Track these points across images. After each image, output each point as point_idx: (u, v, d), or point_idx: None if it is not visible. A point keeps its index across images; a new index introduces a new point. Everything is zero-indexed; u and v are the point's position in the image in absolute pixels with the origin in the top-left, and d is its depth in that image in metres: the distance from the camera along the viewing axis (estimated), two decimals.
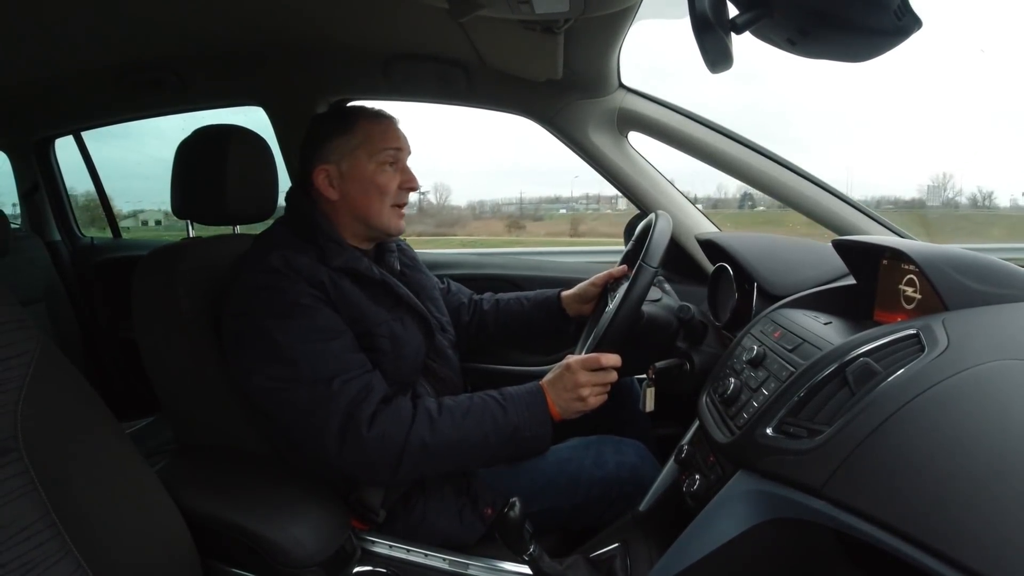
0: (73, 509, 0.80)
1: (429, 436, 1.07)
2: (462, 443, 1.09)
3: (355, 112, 1.26)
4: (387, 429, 1.05)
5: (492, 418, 1.10)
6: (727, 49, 0.76)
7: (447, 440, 1.08)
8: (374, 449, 1.04)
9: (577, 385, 1.13)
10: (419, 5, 1.21)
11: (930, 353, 0.71)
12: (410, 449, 1.05)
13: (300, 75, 1.87)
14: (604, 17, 1.18)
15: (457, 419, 1.09)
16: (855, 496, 0.63)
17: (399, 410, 1.08)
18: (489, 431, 1.09)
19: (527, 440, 1.11)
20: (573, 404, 1.13)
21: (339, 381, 1.06)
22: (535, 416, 1.12)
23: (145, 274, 1.21)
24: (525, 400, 1.13)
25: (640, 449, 1.36)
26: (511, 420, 1.10)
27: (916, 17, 0.66)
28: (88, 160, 2.75)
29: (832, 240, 1.14)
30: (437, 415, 1.09)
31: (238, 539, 1.01)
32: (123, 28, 1.56)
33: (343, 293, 1.15)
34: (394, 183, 1.24)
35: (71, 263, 2.77)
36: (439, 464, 1.11)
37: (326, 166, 1.22)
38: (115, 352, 2.74)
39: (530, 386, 1.16)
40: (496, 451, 1.11)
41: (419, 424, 1.07)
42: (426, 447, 1.06)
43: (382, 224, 1.25)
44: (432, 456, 1.07)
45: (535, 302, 1.59)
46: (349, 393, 1.06)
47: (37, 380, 0.81)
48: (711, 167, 1.72)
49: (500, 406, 1.12)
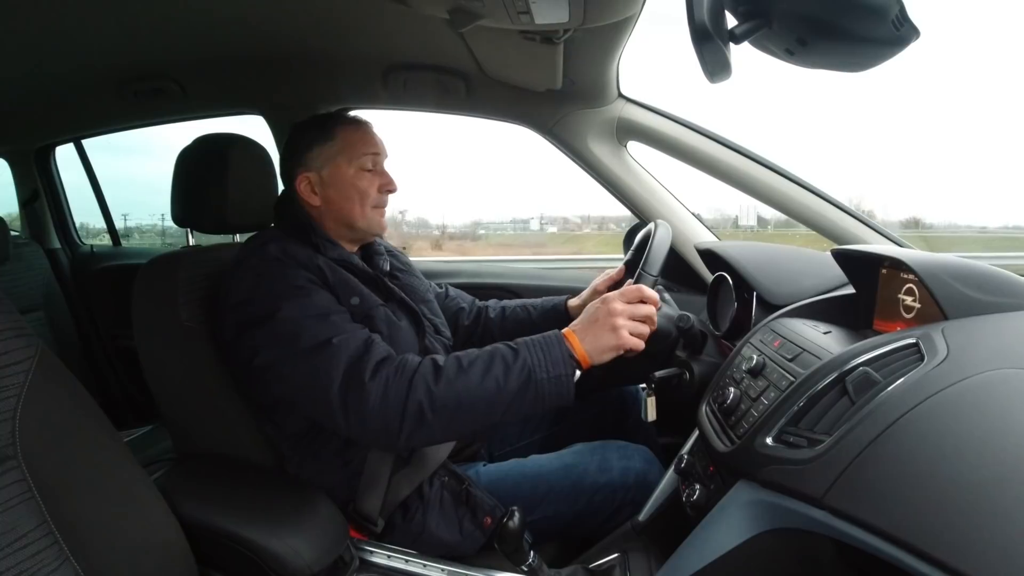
0: (70, 517, 0.79)
1: (434, 383, 1.00)
2: (470, 390, 1.01)
3: (333, 119, 1.29)
4: (389, 378, 1.01)
5: (502, 361, 1.02)
6: (726, 59, 0.76)
7: (453, 387, 1.01)
8: (376, 400, 0.99)
9: (611, 314, 1.05)
10: (419, 15, 1.21)
11: (930, 362, 0.71)
12: (414, 398, 0.99)
13: (300, 84, 1.88)
14: (604, 27, 1.18)
15: (464, 365, 1.03)
16: (855, 506, 0.63)
17: (403, 363, 1.04)
18: (499, 374, 1.01)
19: (544, 384, 1.01)
20: (604, 337, 1.04)
21: (338, 339, 1.04)
22: (551, 356, 1.02)
23: (145, 282, 1.21)
24: (539, 342, 1.05)
25: (647, 454, 1.36)
26: (523, 361, 1.02)
27: (914, 27, 0.67)
28: (88, 168, 2.76)
29: (831, 249, 1.14)
30: (443, 364, 1.03)
31: (236, 548, 1.00)
32: (124, 36, 1.57)
33: (340, 277, 1.18)
34: (373, 187, 1.27)
35: (71, 271, 2.77)
36: (449, 416, 1.01)
37: (308, 174, 1.25)
38: (114, 360, 2.73)
39: (547, 332, 1.07)
40: (512, 399, 1.01)
41: (422, 372, 1.02)
42: (432, 395, 0.99)
43: (364, 225, 1.28)
44: (439, 407, 1.00)
45: (542, 310, 1.59)
46: (349, 349, 1.03)
47: (36, 388, 0.80)
48: (711, 177, 1.72)
49: (511, 349, 1.04)
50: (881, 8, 0.65)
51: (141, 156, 2.73)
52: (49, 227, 2.80)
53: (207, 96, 2.02)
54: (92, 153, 2.78)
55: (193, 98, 1.96)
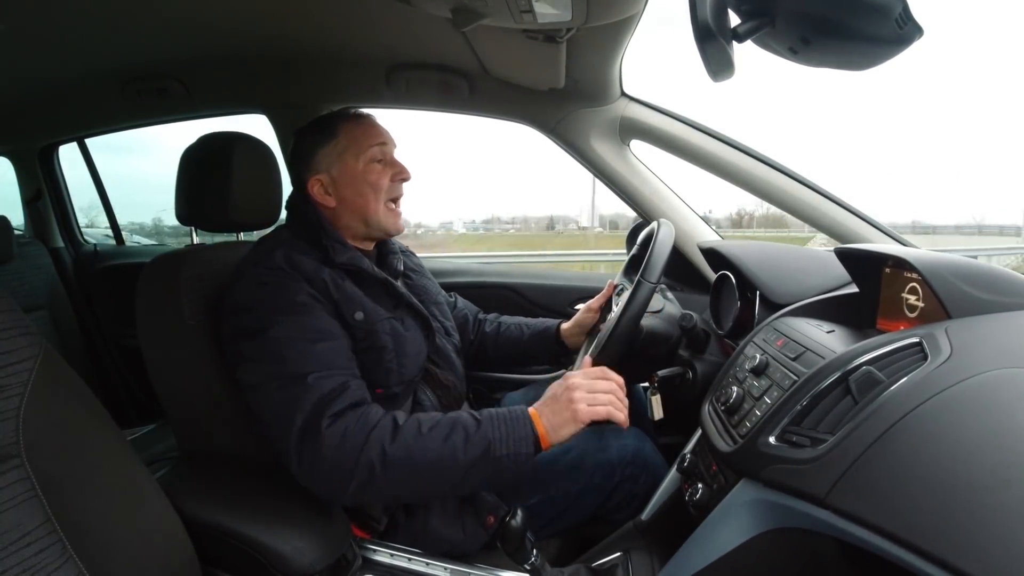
0: (74, 516, 0.80)
1: (390, 443, 0.97)
2: (425, 454, 0.98)
3: (335, 118, 1.28)
4: (348, 428, 0.98)
5: (463, 430, 0.99)
6: (729, 58, 0.76)
7: (408, 449, 0.98)
8: (330, 449, 0.97)
9: (569, 389, 1.02)
10: (422, 14, 1.21)
11: (933, 361, 0.71)
12: (368, 454, 0.96)
13: (303, 83, 1.88)
14: (606, 26, 1.18)
15: (423, 429, 1.00)
16: (858, 505, 0.63)
17: (366, 415, 1.01)
18: (458, 446, 0.98)
19: (503, 460, 0.98)
20: (561, 413, 1.01)
21: (314, 377, 1.02)
22: (513, 432, 0.99)
23: (149, 281, 1.21)
24: (503, 416, 1.02)
25: (640, 434, 1.38)
26: (484, 434, 0.99)
27: (918, 25, 0.67)
28: (92, 167, 2.77)
29: (834, 248, 1.14)
30: (402, 423, 1.01)
31: (239, 547, 1.00)
32: (128, 36, 1.57)
33: (345, 292, 1.16)
34: (385, 178, 1.26)
35: (74, 270, 2.78)
36: (400, 477, 0.98)
37: (318, 176, 1.25)
38: (117, 359, 2.74)
39: (515, 407, 1.05)
40: (467, 471, 0.98)
41: (382, 430, 0.99)
42: (385, 455, 0.96)
43: (379, 222, 1.27)
44: (390, 467, 0.97)
45: (534, 331, 1.62)
46: (321, 390, 1.01)
47: (39, 386, 0.81)
48: (714, 176, 1.72)
49: (474, 420, 1.01)
50: (884, 7, 0.65)
51: (135, 156, 2.74)
52: (53, 226, 2.80)
53: (211, 95, 2.02)
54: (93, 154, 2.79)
55: (197, 97, 1.97)
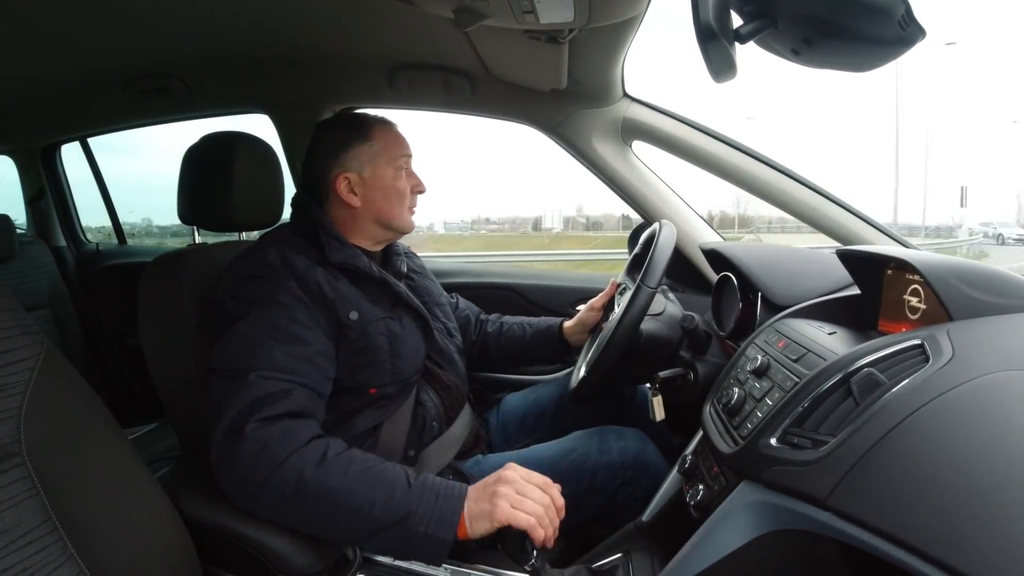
0: (75, 514, 0.80)
1: (311, 470, 0.92)
2: (340, 497, 0.91)
3: (369, 120, 1.29)
4: (272, 439, 0.93)
5: (389, 489, 0.92)
6: (731, 59, 0.76)
7: (326, 485, 0.91)
8: (248, 455, 0.93)
9: (499, 480, 0.94)
10: (424, 15, 1.21)
11: (935, 363, 0.71)
12: (283, 473, 0.91)
13: (305, 83, 1.89)
14: (609, 27, 1.18)
15: (352, 470, 0.93)
16: (859, 507, 0.63)
17: (297, 430, 0.96)
18: (379, 500, 0.91)
19: (418, 537, 0.90)
20: (481, 504, 0.92)
21: (256, 375, 0.99)
22: (443, 513, 0.91)
23: (150, 280, 1.21)
24: (439, 490, 0.93)
25: (641, 435, 1.37)
26: (410, 502, 0.91)
27: (920, 27, 0.67)
28: (94, 166, 2.77)
29: (836, 250, 1.14)
30: (332, 455, 0.94)
31: (239, 546, 1.00)
32: (130, 35, 1.57)
33: (339, 291, 1.16)
34: (408, 188, 1.29)
35: (76, 269, 2.78)
36: (306, 511, 0.93)
37: (347, 174, 1.25)
38: (119, 358, 2.75)
39: (457, 483, 0.96)
40: (375, 529, 0.91)
41: (307, 453, 0.94)
42: (301, 481, 0.91)
43: (400, 225, 1.31)
44: (303, 495, 0.91)
45: (537, 330, 1.62)
46: (259, 391, 0.97)
47: (41, 385, 0.81)
48: (715, 177, 1.72)
49: (407, 482, 0.93)
50: (887, 8, 0.65)
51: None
52: (55, 225, 2.81)
53: (212, 95, 2.02)
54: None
55: (199, 97, 1.97)
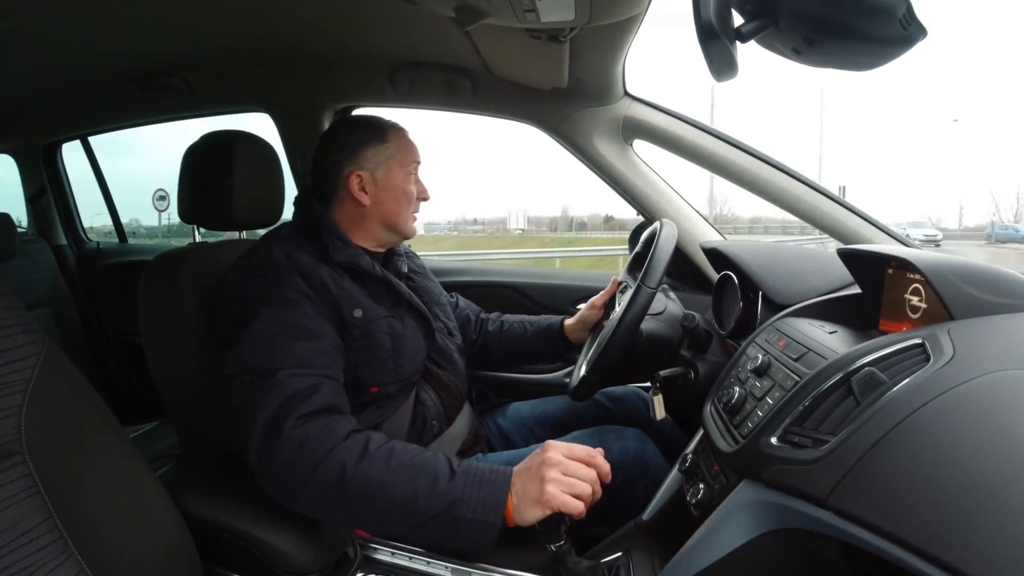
0: (76, 513, 0.80)
1: (352, 464, 0.91)
2: (384, 489, 0.90)
3: (386, 124, 1.31)
4: (311, 435, 0.93)
5: (432, 478, 0.91)
6: (732, 58, 0.76)
7: (369, 478, 0.91)
8: (289, 452, 0.92)
9: (544, 464, 0.91)
10: (426, 13, 1.21)
11: (935, 363, 0.70)
12: (325, 469, 0.91)
13: (306, 82, 1.89)
14: (609, 26, 1.18)
15: (394, 461, 0.93)
16: (860, 506, 0.62)
17: (334, 425, 0.96)
18: (422, 490, 0.90)
19: (464, 524, 0.89)
20: (530, 488, 0.90)
21: (284, 374, 0.99)
22: (488, 497, 0.90)
23: (151, 279, 1.21)
24: (483, 475, 0.92)
25: (641, 435, 1.37)
26: (453, 489, 0.90)
27: (921, 26, 0.66)
28: (95, 164, 2.77)
29: (837, 249, 1.14)
30: (374, 448, 0.94)
31: (240, 544, 1.00)
32: (132, 34, 1.57)
33: (344, 289, 1.17)
34: (415, 193, 1.31)
35: (77, 267, 2.79)
36: (351, 505, 0.92)
37: (360, 172, 1.26)
38: (120, 356, 2.75)
39: (500, 467, 0.95)
40: (421, 519, 0.90)
41: (348, 447, 0.93)
42: (344, 475, 0.90)
43: (405, 229, 1.32)
44: (346, 489, 0.90)
45: (538, 328, 1.62)
46: (290, 388, 0.97)
47: (41, 384, 0.81)
48: (717, 176, 1.72)
49: (450, 470, 0.92)
50: (888, 7, 0.65)
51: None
52: (56, 223, 2.81)
53: (214, 93, 2.03)
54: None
55: (200, 95, 1.97)
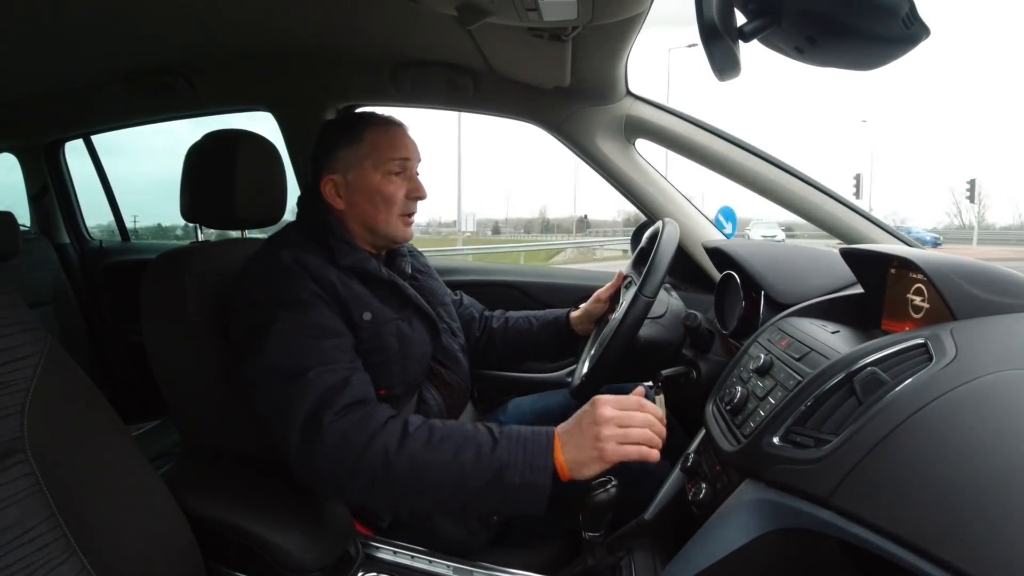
0: (78, 511, 0.80)
1: (395, 449, 0.92)
2: (430, 468, 0.91)
3: (362, 121, 1.24)
4: (351, 427, 0.94)
5: (475, 450, 0.92)
6: (735, 57, 0.76)
7: (413, 460, 0.92)
8: (331, 446, 0.93)
9: (596, 422, 0.92)
10: (428, 12, 1.21)
11: (938, 363, 0.70)
12: (369, 457, 0.92)
13: (308, 81, 1.89)
14: (612, 25, 1.18)
15: (435, 439, 0.94)
16: (862, 506, 0.62)
17: (372, 414, 0.97)
18: (468, 463, 0.91)
19: (514, 489, 0.90)
20: (585, 448, 0.91)
21: (315, 372, 0.99)
22: (533, 459, 0.91)
23: (154, 277, 1.21)
24: (525, 438, 0.93)
25: None
26: (499, 456, 0.91)
27: (925, 25, 0.66)
28: (98, 163, 2.77)
29: (839, 248, 1.13)
30: (413, 430, 0.95)
31: (242, 542, 1.01)
32: (134, 33, 1.57)
33: (353, 291, 1.15)
34: (401, 192, 1.23)
35: (79, 266, 2.79)
36: (399, 489, 0.93)
37: (333, 176, 1.22)
38: (122, 355, 2.75)
39: (540, 428, 0.96)
40: (471, 492, 0.92)
41: (388, 433, 0.94)
42: (388, 461, 0.91)
43: (388, 233, 1.24)
44: (391, 474, 0.91)
45: (543, 322, 1.60)
46: (324, 384, 0.98)
47: (44, 382, 0.81)
48: (719, 175, 1.72)
49: (491, 438, 0.94)
50: (891, 6, 0.65)
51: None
52: (58, 222, 2.82)
53: (216, 92, 2.03)
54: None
55: (202, 95, 1.97)
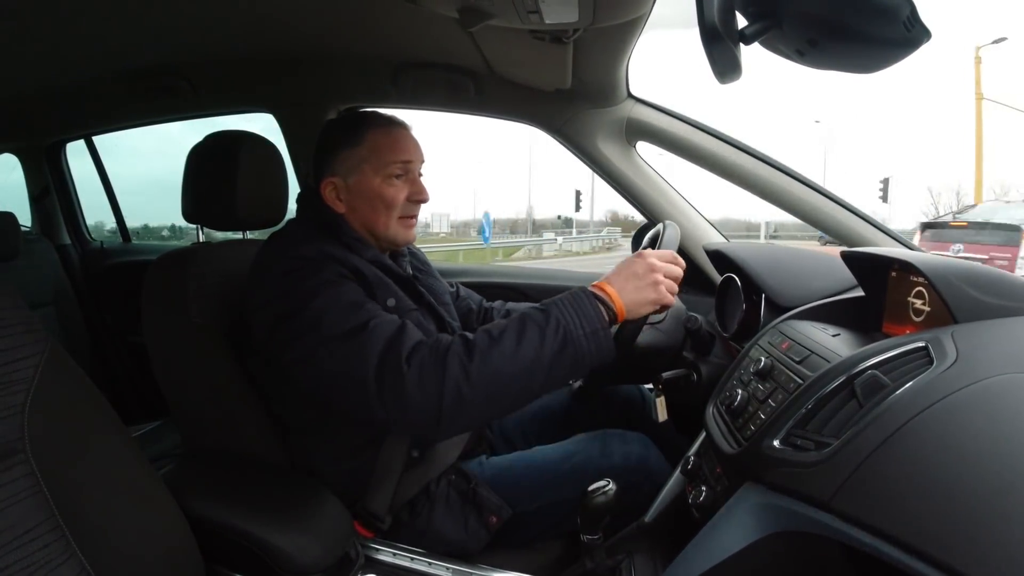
0: (78, 512, 0.80)
1: (467, 360, 0.96)
2: (505, 360, 0.96)
3: (364, 122, 1.21)
4: (424, 361, 0.96)
5: (534, 325, 0.98)
6: (736, 60, 0.76)
7: (488, 360, 0.96)
8: (413, 385, 0.95)
9: (652, 269, 1.03)
10: (429, 14, 1.21)
11: (939, 366, 0.70)
12: (451, 379, 0.95)
13: (310, 82, 1.89)
14: (613, 27, 1.18)
15: (495, 336, 0.98)
16: (862, 509, 0.62)
17: (436, 344, 0.99)
18: (534, 338, 0.96)
19: (582, 342, 0.97)
20: (645, 291, 1.02)
21: (374, 322, 1.01)
22: (584, 312, 0.98)
23: (155, 279, 1.21)
24: (567, 299, 1.00)
25: (645, 440, 1.36)
26: (556, 321, 0.97)
27: (925, 28, 0.66)
28: (99, 164, 2.78)
29: (841, 251, 1.13)
30: (474, 339, 0.98)
31: (242, 544, 1.00)
32: (136, 34, 1.58)
33: (378, 278, 1.15)
34: (402, 195, 1.20)
35: (81, 267, 2.79)
36: (488, 391, 0.97)
37: (333, 179, 1.19)
38: (123, 356, 2.75)
39: (572, 287, 1.04)
40: (550, 364, 0.97)
41: (455, 350, 0.97)
42: (468, 372, 0.95)
43: (389, 236, 1.22)
44: (477, 383, 0.95)
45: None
46: (386, 331, 1.00)
47: (45, 383, 0.81)
48: (720, 178, 1.72)
49: (540, 311, 1.00)
50: (892, 9, 0.65)
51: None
52: (59, 223, 2.82)
53: (217, 94, 2.03)
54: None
55: (203, 96, 1.98)
